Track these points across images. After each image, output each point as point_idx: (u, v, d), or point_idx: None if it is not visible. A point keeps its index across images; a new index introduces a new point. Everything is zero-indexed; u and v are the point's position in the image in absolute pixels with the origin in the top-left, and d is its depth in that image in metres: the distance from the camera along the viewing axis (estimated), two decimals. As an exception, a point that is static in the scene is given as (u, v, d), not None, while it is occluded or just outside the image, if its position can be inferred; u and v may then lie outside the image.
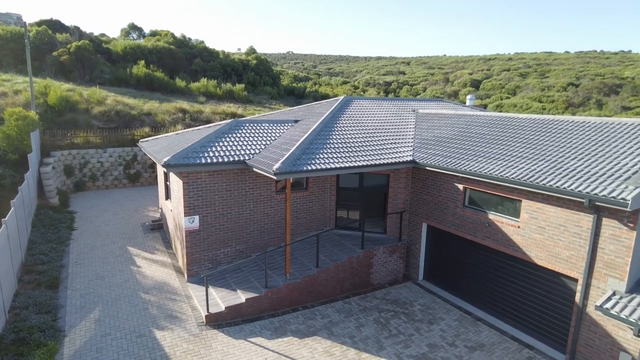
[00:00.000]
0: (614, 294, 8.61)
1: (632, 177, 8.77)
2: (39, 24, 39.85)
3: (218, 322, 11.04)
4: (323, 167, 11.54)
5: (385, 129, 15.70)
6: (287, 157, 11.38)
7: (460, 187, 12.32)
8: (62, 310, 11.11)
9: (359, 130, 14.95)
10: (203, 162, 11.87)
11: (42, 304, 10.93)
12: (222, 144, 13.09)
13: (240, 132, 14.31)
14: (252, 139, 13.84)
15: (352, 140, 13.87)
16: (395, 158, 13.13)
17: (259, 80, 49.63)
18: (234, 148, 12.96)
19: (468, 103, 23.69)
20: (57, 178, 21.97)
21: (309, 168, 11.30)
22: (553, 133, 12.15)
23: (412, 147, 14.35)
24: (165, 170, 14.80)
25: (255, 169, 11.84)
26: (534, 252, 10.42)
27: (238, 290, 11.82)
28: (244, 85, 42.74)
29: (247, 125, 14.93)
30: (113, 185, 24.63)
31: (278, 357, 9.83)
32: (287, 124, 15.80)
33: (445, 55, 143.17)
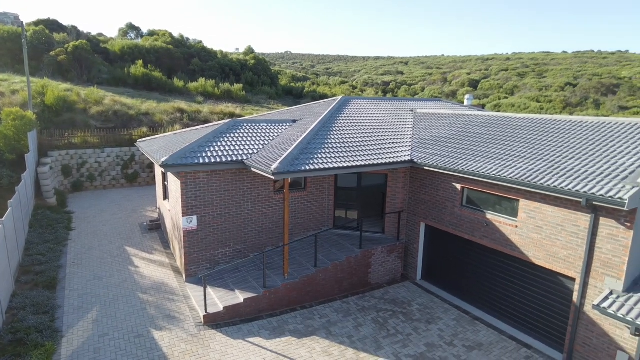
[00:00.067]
0: (612, 293, 8.64)
1: (629, 176, 8.80)
2: (37, 24, 39.75)
3: (216, 322, 11.03)
4: (321, 167, 11.54)
5: (384, 129, 15.71)
6: (285, 157, 11.37)
7: (458, 186, 12.34)
8: (59, 311, 11.09)
9: (357, 130, 14.96)
10: (201, 162, 11.86)
11: (39, 305, 10.90)
12: (220, 144, 13.08)
13: (239, 132, 14.30)
14: (250, 139, 13.83)
15: (350, 140, 13.88)
16: (394, 158, 13.14)
17: (257, 80, 49.60)
18: (232, 148, 12.95)
19: (466, 103, 23.73)
20: (54, 178, 21.92)
21: (307, 168, 11.30)
22: (551, 133, 12.18)
23: (410, 147, 14.37)
24: (163, 170, 14.77)
25: (254, 169, 11.83)
26: (532, 251, 10.45)
27: (236, 291, 11.82)
28: (242, 85, 42.71)
29: (245, 125, 14.92)
30: (111, 186, 24.59)
31: (276, 357, 9.83)
32: (285, 124, 15.79)
33: (444, 55, 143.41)
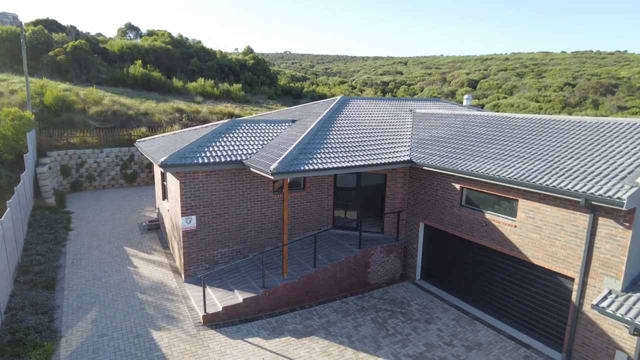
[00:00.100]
0: (610, 293, 8.65)
1: (627, 176, 8.81)
2: (35, 24, 39.70)
3: (215, 322, 11.03)
4: (320, 167, 11.54)
5: (383, 129, 15.71)
6: (284, 157, 11.37)
7: (457, 186, 12.35)
8: (58, 311, 11.07)
9: (356, 130, 14.97)
10: (200, 162, 11.85)
11: (38, 305, 10.89)
12: (219, 144, 13.07)
13: (238, 132, 14.30)
14: (249, 139, 13.83)
15: (349, 140, 13.88)
16: (393, 158, 13.14)
17: (257, 80, 49.60)
18: (231, 148, 12.95)
19: (465, 103, 23.74)
20: (53, 178, 21.89)
21: (306, 168, 11.30)
22: (550, 133, 12.19)
23: (409, 146, 14.37)
24: (162, 170, 14.75)
25: (253, 169, 11.83)
26: (531, 251, 10.46)
27: (235, 291, 11.81)
28: (242, 85, 42.71)
29: (244, 125, 14.92)
30: (110, 186, 24.57)
31: (275, 357, 9.82)
32: (284, 124, 15.79)
33: (443, 55, 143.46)
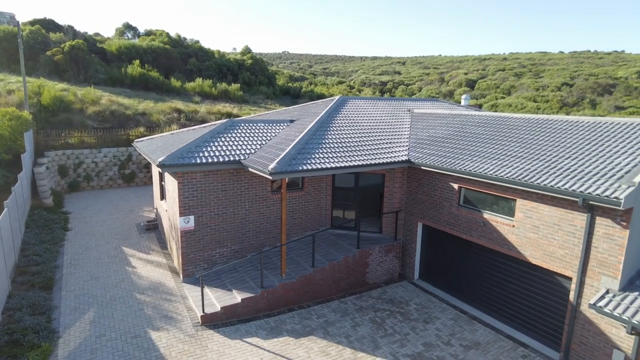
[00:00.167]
0: (608, 292, 8.68)
1: (625, 176, 8.84)
2: (33, 23, 39.54)
3: (214, 322, 11.02)
4: (318, 166, 11.54)
5: (381, 129, 15.73)
6: (282, 157, 11.37)
7: (455, 186, 12.37)
8: (56, 312, 11.04)
9: (355, 130, 14.97)
10: (198, 162, 11.84)
11: (36, 305, 10.85)
12: (217, 144, 13.06)
13: (236, 132, 14.29)
14: (247, 139, 13.82)
15: (347, 140, 13.89)
16: (391, 158, 13.16)
17: (255, 80, 49.56)
18: (230, 148, 12.94)
19: (463, 103, 23.78)
20: (51, 178, 21.82)
21: (305, 168, 11.30)
22: (547, 132, 12.22)
23: (407, 146, 14.39)
24: (160, 171, 14.73)
25: (251, 169, 11.82)
26: (529, 251, 10.48)
27: (234, 291, 11.80)
28: (240, 85, 42.66)
29: (242, 125, 14.91)
30: (108, 186, 24.51)
31: (274, 357, 9.82)
32: (282, 124, 15.79)
33: (441, 55, 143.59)
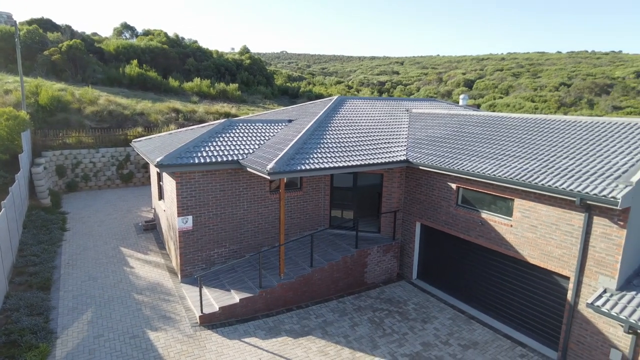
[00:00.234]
0: (605, 292, 8.71)
1: (622, 175, 8.87)
2: (30, 23, 39.44)
3: (212, 322, 11.01)
4: (317, 166, 11.54)
5: (379, 129, 15.73)
6: (280, 156, 11.36)
7: (454, 186, 12.38)
8: (54, 312, 11.01)
9: (353, 130, 14.98)
10: (196, 162, 11.82)
11: (33, 306, 10.82)
12: (215, 144, 13.04)
13: (234, 131, 14.27)
14: (245, 139, 13.81)
15: (346, 140, 13.89)
16: (389, 158, 13.16)
17: (253, 80, 49.51)
18: (228, 148, 12.92)
19: (461, 103, 23.82)
20: (48, 178, 21.77)
21: (303, 168, 11.30)
22: (545, 132, 12.25)
23: (405, 146, 14.40)
24: (159, 171, 14.72)
25: (249, 169, 11.81)
26: (527, 250, 10.50)
27: (232, 291, 11.80)
28: (238, 85, 42.62)
29: (240, 125, 14.90)
30: (106, 186, 24.46)
31: (272, 357, 9.82)
32: (281, 124, 15.78)
33: (439, 55, 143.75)
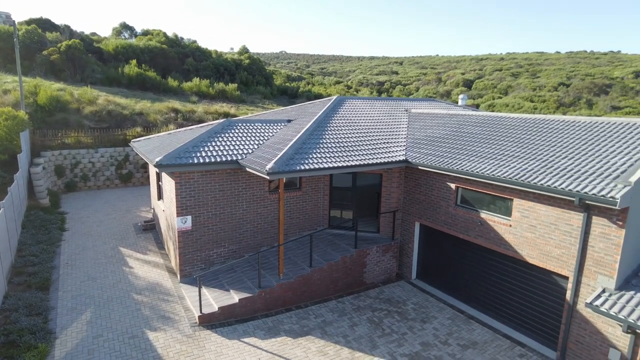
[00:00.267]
0: (604, 292, 8.72)
1: (621, 175, 8.88)
2: (29, 23, 39.37)
3: (211, 322, 11.00)
4: (316, 166, 11.54)
5: (378, 129, 15.74)
6: (280, 156, 11.36)
7: (453, 186, 12.39)
8: (53, 312, 11.00)
9: (352, 130, 14.98)
10: (195, 162, 11.82)
11: (32, 306, 10.81)
12: (214, 144, 13.04)
13: (233, 131, 14.27)
14: (245, 139, 13.80)
15: (345, 140, 13.89)
16: (388, 158, 13.17)
17: (252, 80, 49.49)
18: (227, 148, 12.92)
19: (460, 103, 23.83)
20: (47, 178, 21.74)
21: (302, 168, 11.30)
22: (544, 132, 12.26)
23: (404, 146, 14.41)
24: (158, 171, 14.72)
25: (248, 169, 11.81)
26: (526, 250, 10.52)
27: (231, 291, 11.79)
28: (237, 85, 42.60)
29: (239, 125, 14.89)
30: (105, 186, 24.44)
31: (272, 357, 9.82)
32: (280, 124, 15.78)
33: (438, 55, 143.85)
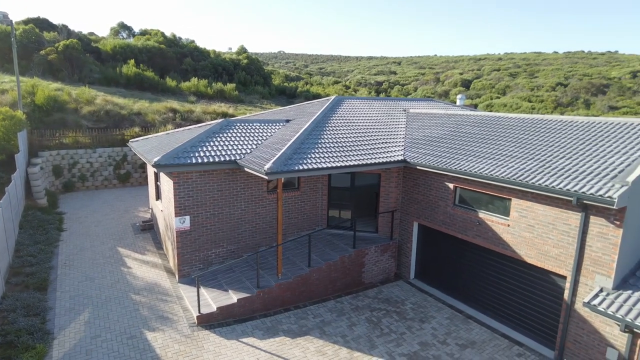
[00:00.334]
0: (601, 291, 8.75)
1: (618, 175, 8.91)
2: (26, 22, 39.23)
3: (210, 322, 11.00)
4: (314, 166, 11.55)
5: (377, 129, 15.75)
6: (278, 156, 11.36)
7: (451, 186, 12.41)
8: (51, 313, 10.98)
9: (351, 130, 14.99)
10: (194, 162, 11.81)
11: (30, 306, 10.78)
12: (213, 144, 13.03)
13: (231, 131, 14.26)
14: (243, 139, 13.80)
15: (343, 140, 13.90)
16: (387, 157, 13.18)
17: (250, 80, 49.43)
18: (225, 148, 12.91)
19: (458, 103, 23.87)
20: (45, 179, 21.69)
21: (301, 168, 11.30)
22: (542, 132, 12.30)
23: (403, 146, 14.42)
24: (156, 171, 14.69)
25: (247, 169, 11.80)
26: (524, 250, 10.54)
27: (230, 291, 11.79)
28: (235, 85, 42.54)
29: (238, 125, 14.88)
30: (103, 186, 24.39)
31: (270, 357, 9.82)
32: (278, 124, 15.77)
33: (436, 55, 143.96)
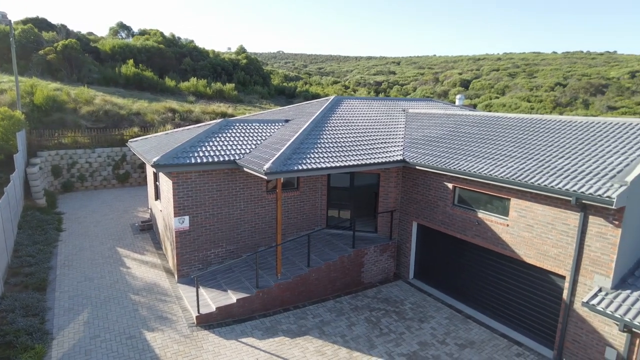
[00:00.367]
0: (600, 291, 8.76)
1: (617, 175, 8.92)
2: (25, 22, 39.18)
3: (209, 322, 10.99)
4: (314, 166, 11.55)
5: (376, 129, 15.76)
6: (277, 156, 11.36)
7: (450, 186, 12.42)
8: (50, 313, 10.96)
9: (350, 130, 14.99)
10: (193, 162, 11.80)
11: (29, 307, 10.77)
12: (212, 144, 13.02)
13: (231, 131, 14.26)
14: (242, 139, 13.79)
15: (342, 140, 13.90)
16: (386, 157, 13.19)
17: (249, 80, 49.42)
18: (224, 148, 12.90)
19: (457, 103, 23.89)
20: (44, 179, 21.66)
21: (300, 168, 11.30)
22: (541, 132, 12.31)
23: (402, 146, 14.43)
24: (155, 171, 14.69)
25: (246, 169, 11.80)
26: (523, 250, 10.55)
27: (229, 291, 11.78)
28: (234, 85, 42.52)
29: (237, 125, 14.88)
30: (102, 186, 24.36)
31: (269, 357, 9.82)
32: (277, 124, 15.77)
33: (435, 55, 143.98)
